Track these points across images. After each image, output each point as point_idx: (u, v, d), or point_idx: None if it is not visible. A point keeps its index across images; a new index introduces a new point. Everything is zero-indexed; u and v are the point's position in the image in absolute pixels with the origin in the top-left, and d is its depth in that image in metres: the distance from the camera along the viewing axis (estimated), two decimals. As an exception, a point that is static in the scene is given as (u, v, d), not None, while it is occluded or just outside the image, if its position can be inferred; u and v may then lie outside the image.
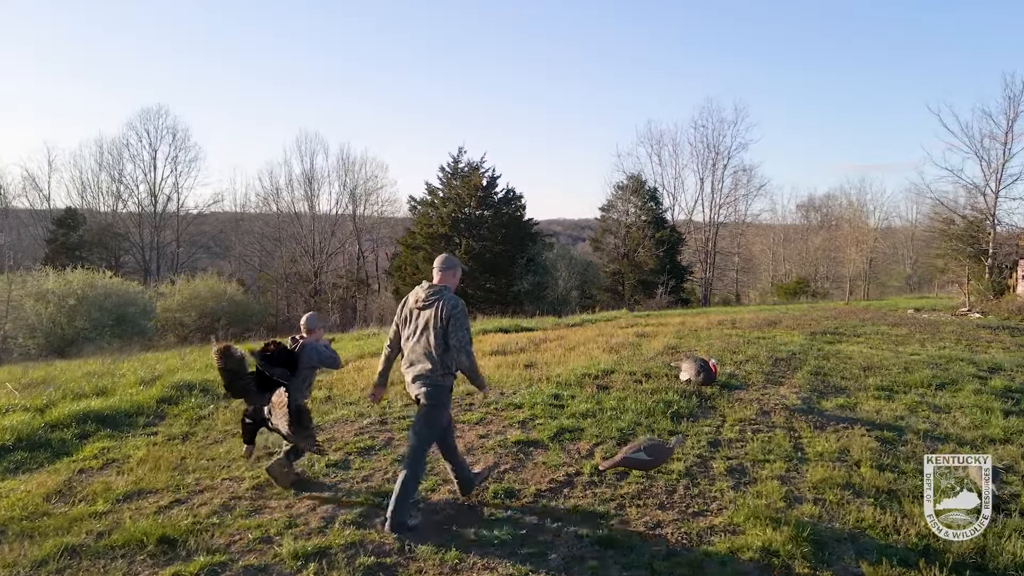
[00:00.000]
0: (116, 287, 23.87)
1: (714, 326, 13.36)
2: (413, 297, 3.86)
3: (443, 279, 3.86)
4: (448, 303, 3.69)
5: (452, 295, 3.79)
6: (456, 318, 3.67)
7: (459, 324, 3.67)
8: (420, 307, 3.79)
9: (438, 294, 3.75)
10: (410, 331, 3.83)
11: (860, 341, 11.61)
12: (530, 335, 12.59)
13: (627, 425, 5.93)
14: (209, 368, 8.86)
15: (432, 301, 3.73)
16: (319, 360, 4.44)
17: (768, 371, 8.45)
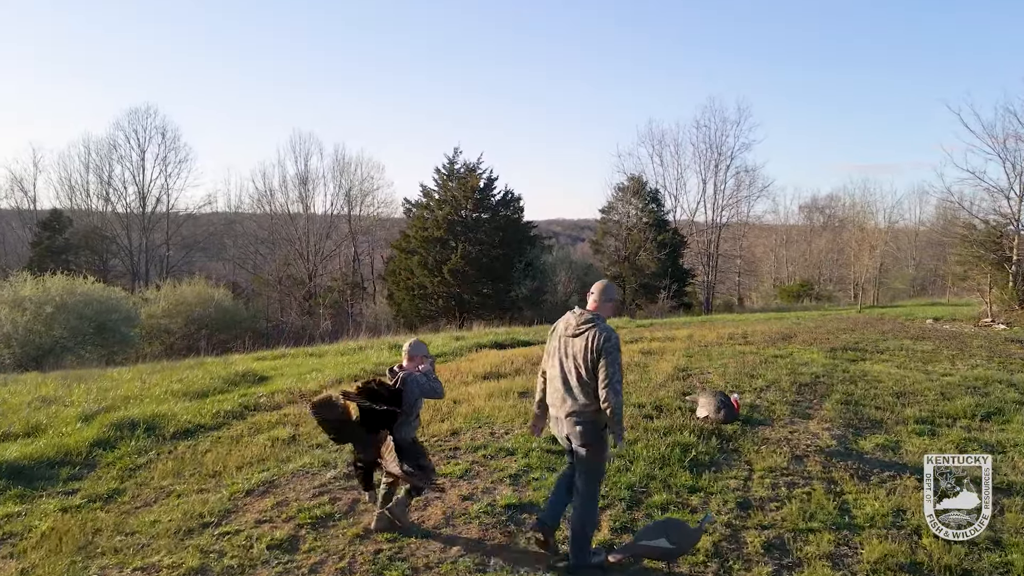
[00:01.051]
0: (97, 293, 22.93)
1: (725, 341, 12.44)
2: (564, 324, 3.64)
3: (598, 307, 3.62)
4: (602, 333, 3.47)
5: (606, 324, 3.57)
6: (609, 351, 3.44)
7: (611, 358, 3.45)
8: (571, 335, 3.55)
9: (591, 322, 3.51)
10: (558, 361, 3.61)
11: (885, 359, 10.70)
12: (527, 352, 11.66)
13: (638, 479, 5.01)
14: (166, 398, 7.94)
15: (584, 330, 3.50)
16: (421, 393, 4.12)
17: (793, 400, 7.54)
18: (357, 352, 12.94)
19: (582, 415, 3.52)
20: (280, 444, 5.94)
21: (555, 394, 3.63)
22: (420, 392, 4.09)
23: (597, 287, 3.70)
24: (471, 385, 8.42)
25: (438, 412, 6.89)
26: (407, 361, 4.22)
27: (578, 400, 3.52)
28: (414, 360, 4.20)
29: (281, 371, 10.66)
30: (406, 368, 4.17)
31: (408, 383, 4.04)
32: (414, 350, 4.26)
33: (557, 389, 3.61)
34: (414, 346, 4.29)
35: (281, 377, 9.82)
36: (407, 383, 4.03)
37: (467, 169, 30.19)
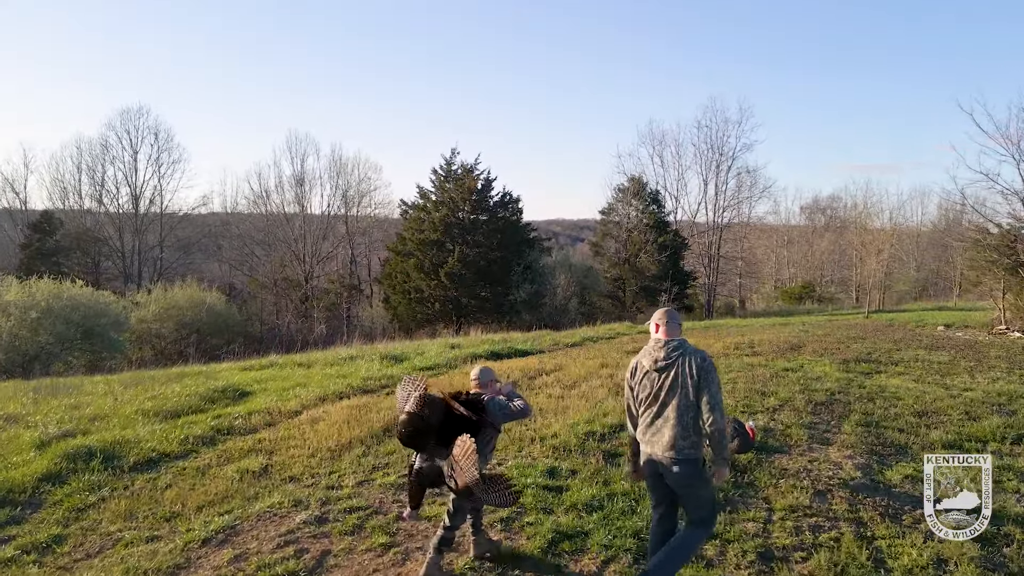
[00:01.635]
0: (85, 298, 22.35)
1: (731, 352, 11.90)
2: (649, 358, 3.39)
3: (674, 331, 3.42)
4: (696, 356, 3.30)
5: (695, 348, 3.38)
6: (708, 372, 3.26)
7: (712, 379, 3.26)
8: (661, 367, 3.32)
9: (680, 348, 3.33)
10: (650, 395, 3.38)
11: (901, 371, 10.16)
12: (524, 363, 11.11)
13: (645, 523, 4.46)
14: (135, 418, 7.39)
15: (676, 358, 3.30)
16: (507, 417, 3.80)
17: (809, 422, 6.99)
18: (347, 363, 12.37)
19: (684, 452, 3.30)
20: (249, 478, 5.39)
21: (655, 435, 3.38)
22: (506, 416, 3.77)
23: (661, 316, 3.47)
24: (463, 404, 7.87)
25: (426, 438, 6.34)
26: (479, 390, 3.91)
27: (681, 437, 3.29)
28: (485, 387, 3.92)
29: (265, 385, 10.10)
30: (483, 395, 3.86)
31: (491, 406, 3.70)
32: (483, 377, 3.95)
33: (658, 429, 3.36)
34: (483, 373, 3.97)
35: (263, 393, 9.26)
36: (489, 407, 3.69)
37: (464, 170, 29.63)
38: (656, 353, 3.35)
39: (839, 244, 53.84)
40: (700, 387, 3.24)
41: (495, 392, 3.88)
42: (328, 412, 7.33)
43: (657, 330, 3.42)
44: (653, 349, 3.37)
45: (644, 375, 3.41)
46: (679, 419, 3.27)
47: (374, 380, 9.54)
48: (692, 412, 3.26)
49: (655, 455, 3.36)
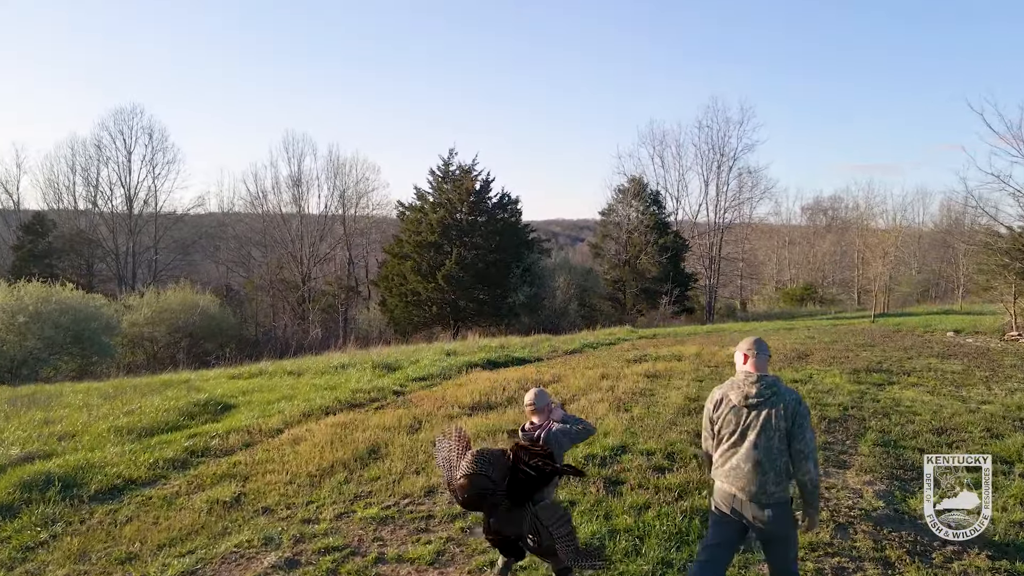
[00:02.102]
0: (74, 301, 21.90)
1: (736, 360, 11.46)
2: (737, 392, 3.16)
3: (763, 364, 3.22)
4: (792, 399, 3.11)
5: (789, 388, 3.19)
6: (803, 417, 3.08)
7: (807, 425, 3.09)
8: (751, 404, 3.11)
9: (774, 387, 3.12)
10: (735, 432, 3.17)
11: (914, 382, 9.73)
12: (522, 372, 10.68)
13: (651, 567, 4.03)
14: (106, 437, 6.95)
15: (768, 397, 3.10)
16: (572, 443, 3.67)
17: (823, 443, 6.56)
18: (338, 372, 11.94)
19: (775, 496, 3.10)
20: (219, 509, 4.95)
21: (735, 474, 3.15)
22: (571, 441, 3.63)
23: (750, 346, 3.23)
24: (456, 421, 7.43)
25: (413, 463, 5.90)
26: (536, 417, 3.70)
27: (772, 481, 3.09)
28: (543, 412, 3.70)
29: (250, 397, 9.67)
30: (538, 424, 3.67)
31: (551, 438, 3.52)
32: (539, 402, 3.72)
33: (738, 468, 3.14)
34: (538, 398, 3.73)
35: (247, 407, 8.83)
36: (551, 442, 3.49)
37: (463, 171, 29.19)
38: (746, 388, 3.12)
39: (841, 245, 53.44)
40: (793, 432, 3.06)
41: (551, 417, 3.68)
42: (311, 431, 6.90)
43: (745, 361, 3.21)
44: (743, 383, 3.14)
45: (730, 409, 3.19)
46: (769, 463, 3.07)
47: (363, 393, 9.10)
48: (784, 457, 3.09)
49: (735, 494, 3.17)
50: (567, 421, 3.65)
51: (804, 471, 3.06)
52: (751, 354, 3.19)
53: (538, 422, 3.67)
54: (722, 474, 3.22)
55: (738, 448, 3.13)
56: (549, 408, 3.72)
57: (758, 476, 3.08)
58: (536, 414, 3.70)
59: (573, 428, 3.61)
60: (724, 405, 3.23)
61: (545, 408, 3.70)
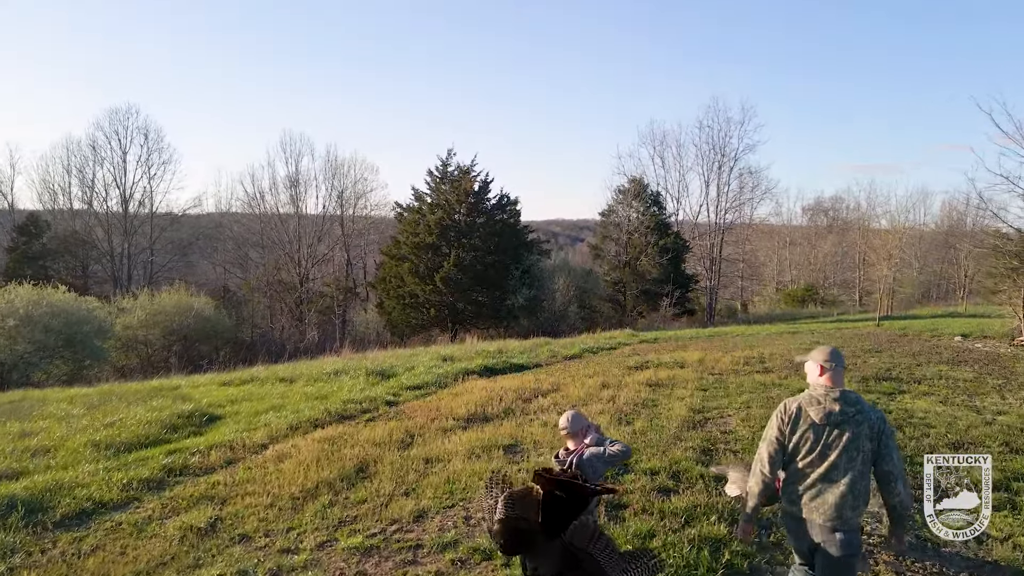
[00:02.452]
0: (66, 304, 21.55)
1: (741, 367, 11.14)
2: (817, 409, 2.95)
3: (840, 378, 3.03)
4: (876, 417, 2.96)
5: (872, 405, 3.06)
6: (889, 436, 2.95)
7: (893, 444, 2.96)
8: (834, 422, 2.92)
9: (857, 405, 2.94)
10: (816, 454, 2.97)
11: (925, 390, 9.41)
12: (520, 381, 10.34)
13: (658, 607, 3.69)
14: (82, 452, 6.62)
15: (851, 415, 2.91)
16: (607, 466, 3.49)
17: (836, 459, 6.22)
18: (331, 379, 11.61)
19: (849, 522, 2.94)
20: (192, 537, 4.62)
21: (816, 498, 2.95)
22: (606, 465, 3.46)
23: (826, 357, 3.04)
24: (450, 435, 7.10)
25: (402, 483, 5.57)
26: (571, 442, 3.52)
27: (849, 505, 2.92)
28: (577, 436, 3.52)
29: (238, 407, 9.34)
30: (573, 449, 3.48)
31: (585, 464, 3.35)
32: (574, 426, 3.52)
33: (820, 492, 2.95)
34: (573, 421, 3.53)
35: (233, 418, 8.50)
36: (583, 468, 3.32)
37: (461, 171, 28.85)
38: (828, 405, 2.93)
39: (842, 246, 53.14)
40: (880, 453, 2.92)
41: (586, 440, 3.48)
42: (297, 447, 6.56)
43: (821, 373, 3.01)
44: (824, 399, 2.95)
45: (809, 427, 2.98)
46: (851, 486, 2.90)
47: (355, 404, 8.77)
48: (865, 480, 2.94)
49: (808, 517, 3.00)
50: (601, 443, 3.45)
51: (895, 493, 2.94)
52: (828, 367, 3.00)
53: (573, 447, 3.48)
54: (796, 494, 3.04)
55: (816, 468, 2.95)
56: (584, 431, 3.50)
57: (836, 499, 2.92)
58: (571, 439, 3.50)
59: (607, 451, 3.41)
60: (802, 422, 3.01)
61: (580, 432, 3.49)
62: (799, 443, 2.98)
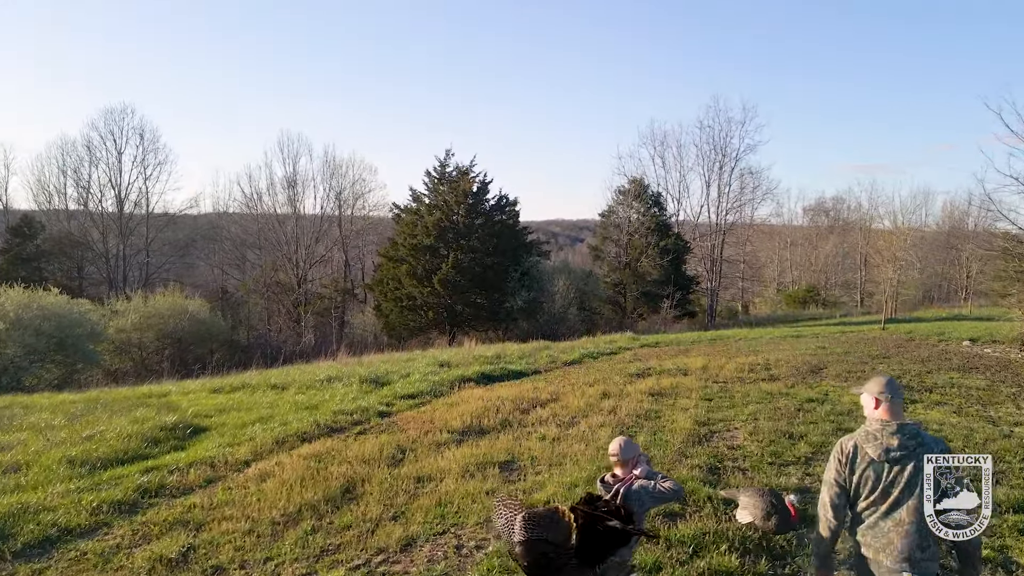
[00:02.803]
0: (58, 307, 21.20)
1: (746, 374, 10.80)
2: (874, 445, 2.79)
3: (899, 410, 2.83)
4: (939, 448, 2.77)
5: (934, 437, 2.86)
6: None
7: None
8: (893, 459, 2.75)
9: (917, 438, 2.76)
10: (879, 493, 2.79)
11: (938, 401, 9.08)
12: (518, 390, 10.00)
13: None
14: (55, 470, 6.28)
15: (912, 447, 2.73)
16: (656, 503, 3.35)
17: (851, 478, 5.89)
18: (323, 386, 11.28)
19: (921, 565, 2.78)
20: (162, 569, 4.28)
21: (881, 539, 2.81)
22: (654, 502, 3.30)
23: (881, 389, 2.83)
24: (444, 450, 6.77)
25: (391, 506, 5.23)
26: (619, 469, 3.40)
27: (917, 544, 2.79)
28: (627, 465, 3.40)
29: (225, 417, 9.00)
30: (621, 477, 3.35)
31: (631, 500, 3.20)
32: (625, 454, 3.40)
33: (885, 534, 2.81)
34: (625, 449, 3.41)
35: (219, 430, 8.16)
36: (630, 500, 3.19)
37: (459, 172, 28.51)
38: (885, 440, 2.79)
39: (843, 246, 52.81)
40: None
41: (635, 471, 3.34)
42: (282, 464, 6.21)
43: (877, 406, 2.84)
44: (880, 434, 2.80)
45: (868, 465, 2.83)
46: (918, 525, 2.75)
47: (345, 415, 8.43)
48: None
49: (878, 559, 2.85)
50: (651, 477, 3.30)
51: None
52: (884, 398, 2.83)
53: (621, 475, 3.37)
54: (861, 535, 2.89)
55: (878, 507, 2.81)
56: (635, 460, 3.39)
57: (903, 539, 2.78)
58: (620, 466, 3.39)
59: (657, 486, 3.25)
60: (861, 460, 2.85)
61: (631, 460, 3.38)
62: (860, 483, 2.83)
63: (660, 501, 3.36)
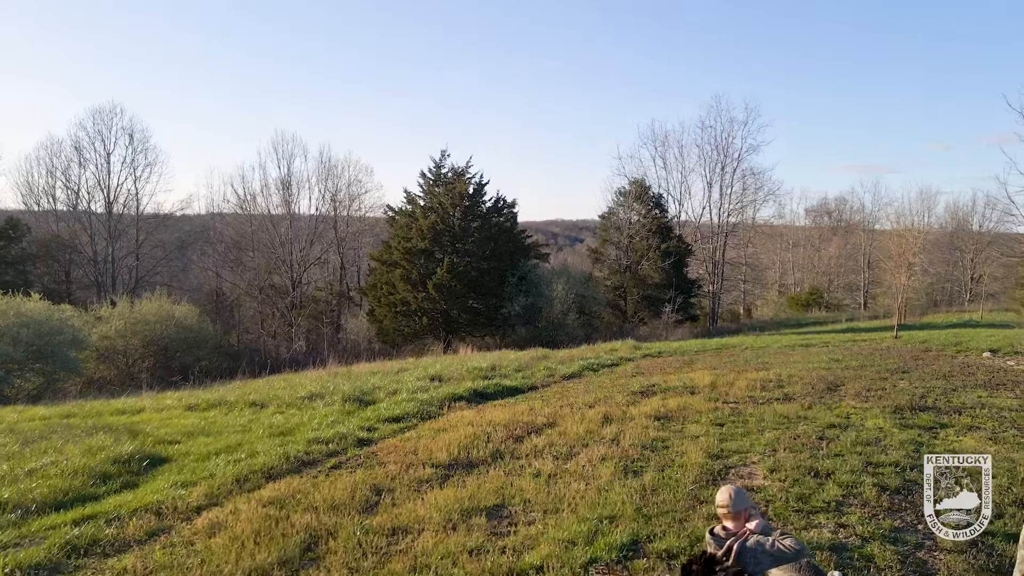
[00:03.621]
0: (37, 313, 20.43)
1: (758, 393, 10.03)
2: None
3: None
4: None
5: None
6: None
7: None
8: None
9: None
10: None
11: (970, 425, 8.29)
12: (512, 413, 9.21)
13: None
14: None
15: None
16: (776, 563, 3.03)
17: (891, 531, 5.10)
18: (304, 405, 10.51)
19: None
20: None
21: None
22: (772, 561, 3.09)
23: None
24: (426, 491, 5.99)
25: (357, 570, 4.45)
26: (731, 522, 3.21)
27: None
28: (739, 517, 3.21)
29: (191, 444, 8.23)
30: (733, 531, 3.17)
31: (746, 559, 3.05)
32: (737, 505, 3.21)
33: None
34: (736, 500, 3.21)
35: (180, 461, 7.39)
36: (745, 559, 3.05)
37: (455, 173, 27.74)
38: None
39: (847, 248, 52.04)
40: None
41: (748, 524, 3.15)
42: (237, 512, 5.42)
43: None
44: None
45: None
46: None
47: (321, 444, 7.65)
48: None
49: None
50: (768, 533, 3.11)
51: None
52: None
53: (732, 528, 3.18)
54: None
55: None
56: (747, 513, 3.20)
57: None
58: (731, 519, 3.19)
59: (776, 544, 3.05)
60: None
61: (743, 513, 3.19)
62: None
63: (780, 561, 3.09)
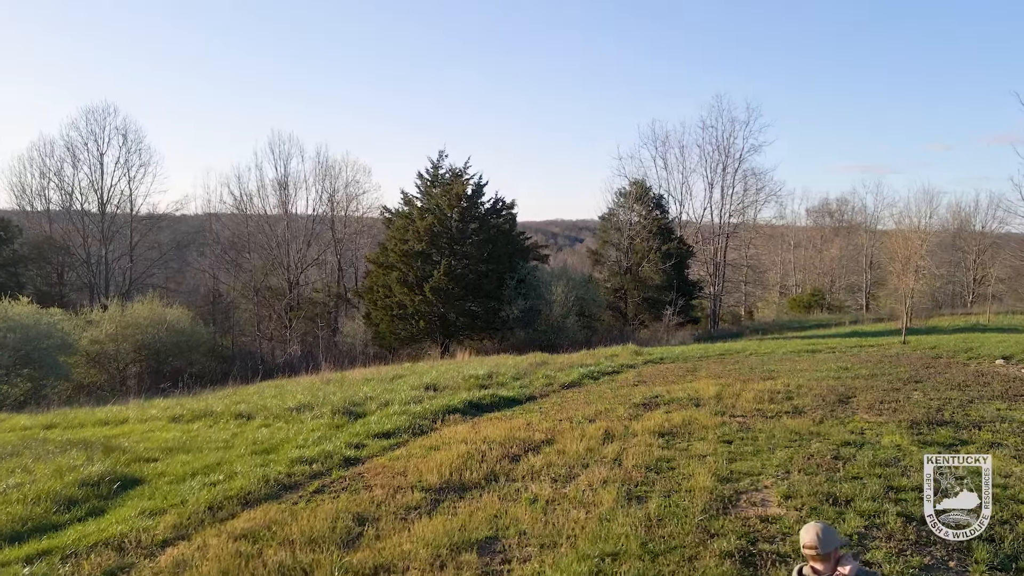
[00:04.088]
0: (25, 317, 20.00)
1: (766, 405, 9.58)
2: None
3: None
4: None
5: None
6: None
7: None
8: None
9: None
10: None
11: (991, 441, 7.85)
12: (508, 426, 8.77)
13: None
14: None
15: None
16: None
17: (920, 566, 4.66)
18: (292, 417, 10.07)
19: None
20: None
21: None
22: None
23: None
24: (414, 519, 5.55)
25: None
26: (819, 564, 2.94)
27: None
28: (829, 559, 2.93)
29: (168, 461, 7.79)
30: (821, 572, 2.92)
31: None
32: (826, 546, 2.92)
33: None
34: (824, 540, 2.92)
35: (155, 482, 6.94)
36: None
37: (453, 174, 27.27)
38: None
39: (848, 249, 51.62)
40: None
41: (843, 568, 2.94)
42: (205, 548, 4.97)
43: None
44: None
45: None
46: None
47: (304, 464, 7.20)
48: None
49: None
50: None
51: None
52: None
53: (821, 570, 2.98)
54: None
55: None
56: (837, 554, 2.98)
57: None
58: (820, 561, 2.96)
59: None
60: None
61: (832, 554, 2.96)
62: None
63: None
